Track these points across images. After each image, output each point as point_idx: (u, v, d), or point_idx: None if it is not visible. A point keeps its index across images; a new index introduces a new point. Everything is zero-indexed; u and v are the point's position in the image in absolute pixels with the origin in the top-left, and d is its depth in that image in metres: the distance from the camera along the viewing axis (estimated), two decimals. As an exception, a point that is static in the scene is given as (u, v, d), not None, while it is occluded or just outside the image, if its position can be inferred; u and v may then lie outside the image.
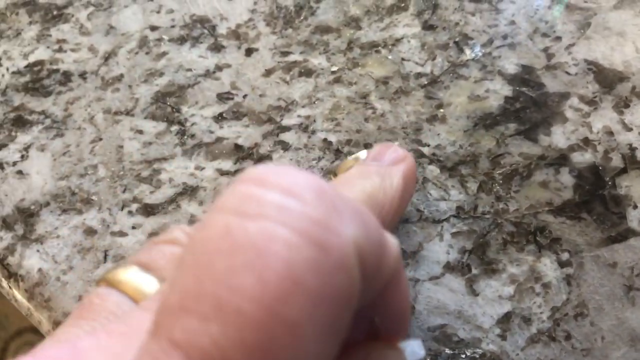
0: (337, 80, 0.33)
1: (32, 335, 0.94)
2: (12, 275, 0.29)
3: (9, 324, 0.95)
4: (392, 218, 0.22)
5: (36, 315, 0.28)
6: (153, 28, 0.37)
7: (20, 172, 0.32)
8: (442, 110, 0.31)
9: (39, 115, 0.34)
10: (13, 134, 0.33)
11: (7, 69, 0.36)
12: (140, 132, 0.33)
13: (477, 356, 0.25)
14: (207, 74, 0.34)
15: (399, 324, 0.18)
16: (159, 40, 0.36)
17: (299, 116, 0.32)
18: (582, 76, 0.31)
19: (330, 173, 0.25)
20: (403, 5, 0.36)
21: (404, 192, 0.23)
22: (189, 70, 0.35)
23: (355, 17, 0.36)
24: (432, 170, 0.29)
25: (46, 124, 0.34)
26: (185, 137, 0.32)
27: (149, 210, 0.30)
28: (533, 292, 0.26)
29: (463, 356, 0.25)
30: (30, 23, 0.38)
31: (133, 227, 0.29)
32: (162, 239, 0.19)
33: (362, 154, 0.26)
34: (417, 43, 0.34)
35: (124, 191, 0.31)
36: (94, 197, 0.31)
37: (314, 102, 0.33)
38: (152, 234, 0.29)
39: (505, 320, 0.25)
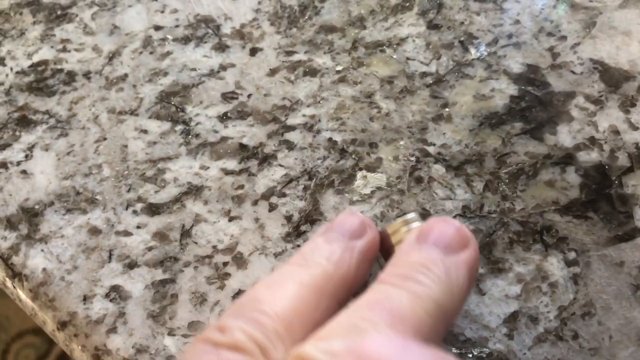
0: (342, 80, 0.33)
1: (34, 337, 0.94)
2: (17, 275, 0.29)
3: (10, 326, 0.95)
4: (455, 319, 0.20)
5: (40, 315, 0.28)
6: (157, 28, 0.37)
7: (24, 172, 0.32)
8: (447, 109, 0.31)
9: (43, 115, 0.34)
10: (17, 133, 0.33)
11: (11, 69, 0.36)
12: (145, 131, 0.33)
13: (484, 355, 0.24)
14: (212, 74, 0.34)
15: None
16: (163, 40, 0.36)
17: (303, 115, 0.32)
18: (587, 75, 0.31)
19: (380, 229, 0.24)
20: (407, 4, 0.36)
21: (469, 287, 0.20)
22: (194, 69, 0.35)
23: (360, 17, 0.36)
24: (438, 169, 0.29)
25: (50, 124, 0.34)
26: (190, 136, 0.32)
27: (153, 209, 0.30)
28: (540, 292, 0.26)
29: (470, 355, 0.24)
30: (34, 23, 0.38)
31: (138, 227, 0.29)
32: (223, 342, 0.18)
33: (412, 217, 0.23)
34: (422, 42, 0.34)
35: (128, 191, 0.31)
36: (98, 197, 0.31)
37: (319, 102, 0.32)
38: (157, 234, 0.29)
39: (512, 319, 0.25)
